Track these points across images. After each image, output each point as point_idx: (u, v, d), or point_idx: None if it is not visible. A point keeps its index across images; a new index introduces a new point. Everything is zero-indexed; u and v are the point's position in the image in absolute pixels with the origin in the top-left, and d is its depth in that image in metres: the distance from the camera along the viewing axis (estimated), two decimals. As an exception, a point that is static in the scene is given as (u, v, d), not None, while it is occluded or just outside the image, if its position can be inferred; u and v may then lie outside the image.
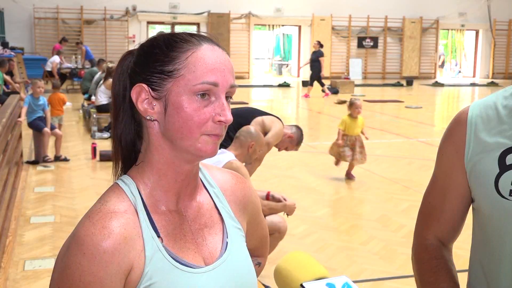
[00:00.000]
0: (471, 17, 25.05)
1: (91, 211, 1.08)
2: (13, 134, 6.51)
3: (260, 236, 1.38)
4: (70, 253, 1.03)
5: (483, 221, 1.33)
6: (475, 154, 1.30)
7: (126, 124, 1.14)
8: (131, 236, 1.05)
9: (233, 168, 3.69)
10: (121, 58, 1.16)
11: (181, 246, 1.11)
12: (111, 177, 1.18)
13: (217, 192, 1.22)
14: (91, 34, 20.71)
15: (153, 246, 1.07)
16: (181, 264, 1.09)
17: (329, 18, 23.23)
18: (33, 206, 5.89)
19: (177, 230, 1.12)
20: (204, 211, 1.18)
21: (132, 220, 1.07)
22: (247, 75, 22.87)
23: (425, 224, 1.43)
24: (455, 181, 1.35)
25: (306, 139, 5.81)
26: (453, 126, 1.36)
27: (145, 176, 1.12)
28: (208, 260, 1.13)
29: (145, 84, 1.09)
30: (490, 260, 1.32)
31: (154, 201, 1.12)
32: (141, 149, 1.14)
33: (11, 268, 4.33)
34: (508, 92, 1.32)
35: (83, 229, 1.04)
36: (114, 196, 1.10)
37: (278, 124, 4.76)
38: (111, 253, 1.02)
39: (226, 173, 1.29)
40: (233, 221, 1.21)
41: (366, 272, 4.39)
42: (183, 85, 1.07)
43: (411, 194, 6.51)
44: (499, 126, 1.28)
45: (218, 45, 1.12)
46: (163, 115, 1.09)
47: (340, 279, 1.66)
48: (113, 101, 1.16)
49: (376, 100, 16.49)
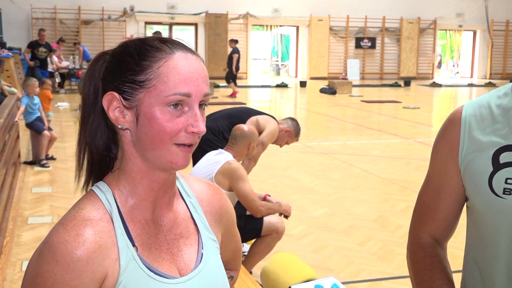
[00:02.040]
0: (468, 18, 25.09)
1: (65, 218, 1.05)
2: (11, 134, 6.51)
3: (233, 249, 1.36)
4: (42, 260, 1.00)
5: (477, 220, 1.34)
6: (469, 153, 1.31)
7: (98, 128, 1.12)
8: (106, 244, 1.03)
9: (232, 168, 3.70)
10: (93, 59, 1.14)
11: (156, 256, 1.10)
12: (74, 183, 1.15)
13: (194, 202, 1.21)
14: (89, 35, 20.68)
15: (128, 255, 1.05)
16: (156, 274, 1.07)
17: (327, 18, 23.25)
18: (31, 206, 5.88)
19: (152, 239, 1.11)
20: (180, 221, 1.16)
21: (107, 228, 1.05)
22: (245, 75, 22.86)
23: (419, 222, 1.44)
24: (449, 180, 1.36)
25: (304, 139, 5.83)
26: (447, 126, 1.37)
27: (120, 184, 1.10)
28: (183, 271, 1.12)
29: (116, 93, 1.07)
30: (484, 258, 1.33)
31: (130, 209, 1.10)
32: (117, 155, 1.12)
33: (8, 268, 4.32)
34: (502, 91, 1.33)
35: (56, 236, 1.01)
36: (89, 203, 1.08)
37: (272, 123, 4.78)
38: (85, 261, 1.00)
39: (203, 184, 1.27)
40: (208, 232, 1.20)
41: (363, 272, 4.40)
42: (155, 95, 1.04)
43: (409, 194, 6.52)
44: (493, 125, 1.30)
45: (192, 52, 1.09)
46: (135, 125, 1.06)
47: (328, 281, 1.67)
48: (82, 102, 1.13)
49: (374, 101, 16.51)
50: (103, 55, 1.13)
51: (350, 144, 9.73)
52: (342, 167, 7.90)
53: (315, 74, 23.27)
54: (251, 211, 3.82)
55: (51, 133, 7.96)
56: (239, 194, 3.72)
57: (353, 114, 13.96)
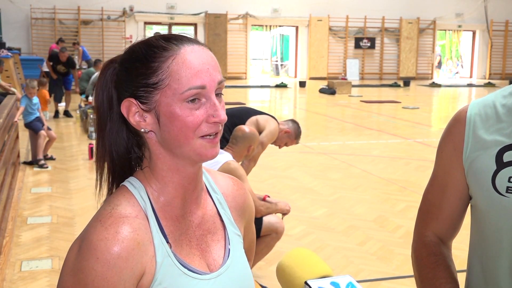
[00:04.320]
0: (468, 18, 25.10)
1: (101, 214, 1.06)
2: (10, 134, 6.50)
3: (250, 241, 1.38)
4: (82, 257, 1.02)
5: (481, 218, 1.34)
6: (473, 152, 1.32)
7: (118, 134, 1.13)
8: (143, 242, 1.05)
9: (231, 169, 3.69)
10: (103, 67, 1.15)
11: (188, 252, 1.12)
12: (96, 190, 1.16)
13: (220, 198, 1.23)
14: (88, 35, 20.68)
15: (163, 252, 1.07)
16: (188, 270, 1.10)
17: (326, 18, 23.25)
18: (30, 206, 5.88)
19: (183, 236, 1.13)
20: (207, 217, 1.19)
21: (143, 225, 1.07)
22: (244, 75, 22.87)
23: (424, 221, 1.45)
24: (454, 179, 1.37)
25: (303, 139, 5.82)
26: (452, 124, 1.38)
27: (151, 181, 1.12)
28: (212, 266, 1.14)
29: (133, 99, 1.08)
30: (488, 257, 1.33)
31: (162, 206, 1.12)
32: (144, 155, 1.13)
33: (8, 269, 4.32)
34: (507, 91, 1.34)
35: (95, 234, 1.03)
36: (124, 199, 1.09)
37: (272, 123, 4.77)
38: (125, 259, 1.02)
39: (228, 179, 1.29)
40: (233, 227, 1.22)
41: (363, 272, 4.40)
42: (170, 94, 1.05)
43: (408, 194, 6.52)
44: (497, 124, 1.30)
45: (198, 43, 1.10)
46: (157, 126, 1.08)
47: (344, 279, 1.67)
48: (96, 111, 1.14)
49: (373, 101, 16.51)
50: (112, 63, 1.14)
51: (350, 144, 9.73)
52: (341, 167, 7.90)
53: (315, 74, 23.27)
54: (250, 211, 3.82)
55: (50, 133, 7.96)
56: (238, 194, 3.72)
57: (352, 114, 13.96)
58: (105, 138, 1.13)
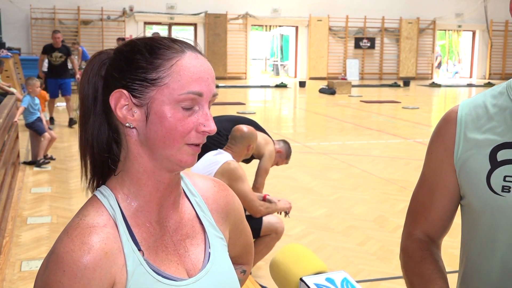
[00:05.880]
0: (467, 18, 25.10)
1: (69, 226, 1.04)
2: (10, 134, 6.51)
3: (243, 244, 1.35)
4: (49, 271, 1.00)
5: (474, 218, 1.34)
6: (465, 152, 1.31)
7: (100, 128, 1.10)
8: (112, 251, 1.02)
9: (231, 169, 3.70)
10: (90, 58, 1.12)
11: (163, 259, 1.09)
12: (81, 184, 1.15)
13: (199, 201, 1.19)
14: (88, 35, 20.68)
15: (134, 260, 1.04)
16: (163, 277, 1.06)
17: (326, 18, 23.25)
18: (30, 206, 5.88)
19: (158, 242, 1.09)
20: (185, 221, 1.15)
21: (112, 234, 1.03)
22: (244, 75, 22.87)
23: (413, 222, 1.45)
24: (444, 180, 1.36)
25: (303, 139, 5.82)
26: (443, 125, 1.37)
27: (124, 187, 1.09)
28: (191, 271, 1.11)
29: (125, 90, 1.05)
30: (480, 256, 1.33)
31: (135, 212, 1.08)
32: (120, 157, 1.10)
33: (7, 269, 4.32)
34: (496, 91, 1.34)
35: (61, 246, 1.01)
36: (93, 209, 1.06)
37: (270, 147, 4.88)
38: (92, 269, 0.99)
39: (208, 181, 1.26)
40: (215, 230, 1.19)
41: (363, 272, 4.40)
42: (167, 94, 1.04)
43: (408, 194, 6.49)
44: (489, 123, 1.30)
45: (201, 53, 1.10)
46: (143, 123, 1.05)
47: (339, 274, 1.67)
48: (80, 104, 1.11)
49: (373, 101, 16.51)
50: (100, 54, 1.12)
51: (350, 144, 9.73)
52: (341, 167, 7.90)
53: (314, 74, 23.27)
54: (250, 211, 3.83)
55: (51, 133, 7.96)
56: (238, 194, 3.69)
57: (352, 114, 13.96)
58: (88, 131, 1.10)
